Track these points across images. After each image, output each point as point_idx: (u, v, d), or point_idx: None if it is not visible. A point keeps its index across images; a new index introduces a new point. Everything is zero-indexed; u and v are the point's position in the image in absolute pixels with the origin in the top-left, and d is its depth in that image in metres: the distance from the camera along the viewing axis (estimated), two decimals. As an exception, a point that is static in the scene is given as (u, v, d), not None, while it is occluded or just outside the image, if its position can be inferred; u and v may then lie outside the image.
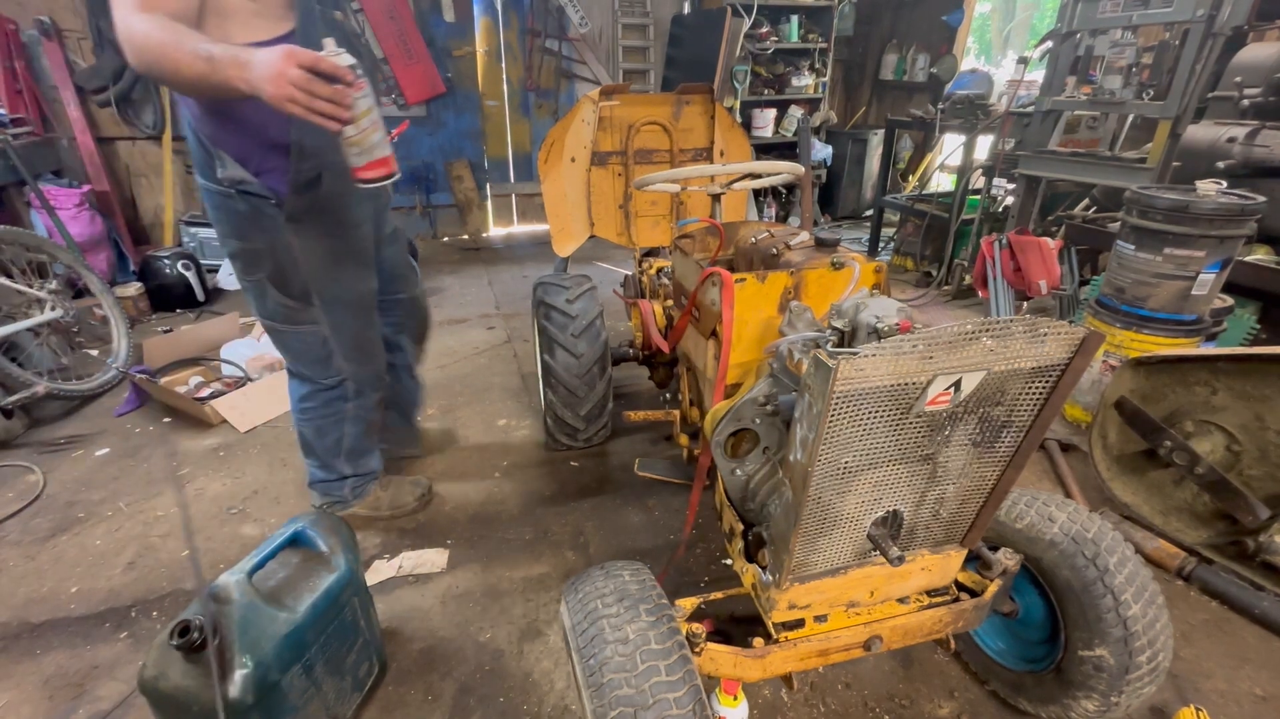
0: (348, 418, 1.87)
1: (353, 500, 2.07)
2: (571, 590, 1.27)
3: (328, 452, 1.93)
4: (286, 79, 1.09)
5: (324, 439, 1.91)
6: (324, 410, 1.84)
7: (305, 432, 1.91)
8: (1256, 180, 2.67)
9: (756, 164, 1.94)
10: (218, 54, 1.15)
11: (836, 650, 1.22)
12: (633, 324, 2.68)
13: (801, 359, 1.16)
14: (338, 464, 1.97)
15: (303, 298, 1.61)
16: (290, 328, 1.66)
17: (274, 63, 1.10)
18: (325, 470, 2.00)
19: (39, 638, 1.75)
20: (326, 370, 1.75)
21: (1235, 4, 2.59)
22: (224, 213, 1.50)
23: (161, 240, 4.93)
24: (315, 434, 1.90)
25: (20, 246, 2.92)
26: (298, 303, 1.61)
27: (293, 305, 1.61)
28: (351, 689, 1.48)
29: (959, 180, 4.21)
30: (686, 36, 5.64)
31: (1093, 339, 0.88)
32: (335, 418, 1.86)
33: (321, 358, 1.72)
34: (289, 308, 1.61)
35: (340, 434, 1.90)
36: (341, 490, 2.03)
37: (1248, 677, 1.61)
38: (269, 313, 1.64)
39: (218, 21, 1.31)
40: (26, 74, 4.17)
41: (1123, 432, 2.10)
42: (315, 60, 1.11)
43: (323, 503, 2.06)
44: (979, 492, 1.10)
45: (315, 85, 1.11)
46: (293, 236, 1.52)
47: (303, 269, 1.57)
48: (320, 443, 1.91)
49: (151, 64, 1.19)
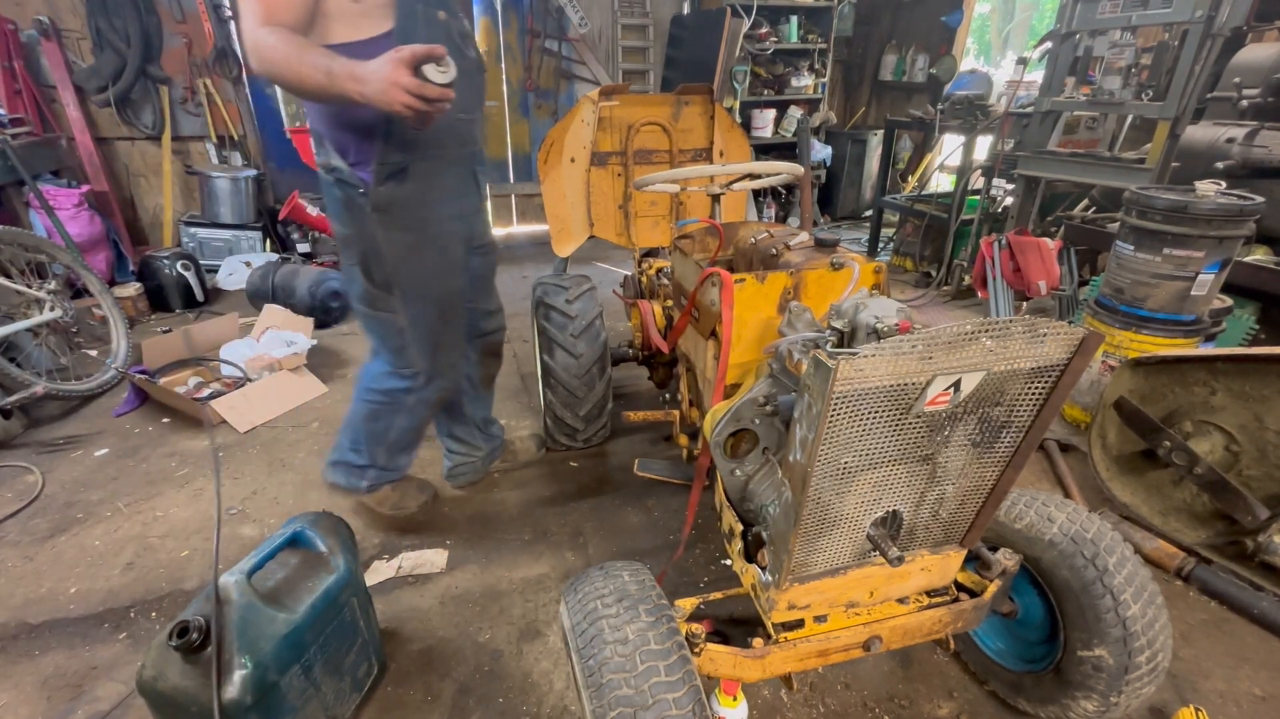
0: (403, 409, 1.87)
1: (364, 492, 2.04)
2: (571, 591, 1.27)
3: (370, 436, 1.92)
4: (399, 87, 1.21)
5: (374, 423, 1.90)
6: (385, 397, 1.85)
7: (358, 410, 1.91)
8: (1255, 181, 2.68)
9: (756, 164, 1.94)
10: (335, 69, 1.26)
11: (836, 651, 1.22)
12: (632, 324, 2.68)
13: (801, 359, 1.16)
14: (374, 452, 1.95)
15: (384, 286, 1.67)
16: (371, 312, 1.73)
17: (385, 74, 1.21)
18: (357, 454, 1.96)
19: (37, 638, 1.74)
20: (402, 360, 1.79)
21: (1234, 5, 2.59)
22: (328, 198, 1.62)
23: (161, 241, 4.93)
24: (367, 416, 1.89)
25: (19, 247, 2.92)
26: (379, 290, 1.68)
27: (375, 292, 1.68)
28: (350, 690, 1.48)
29: (958, 181, 4.21)
30: (686, 37, 5.64)
31: (1092, 339, 0.88)
32: (392, 406, 1.86)
33: (398, 347, 1.77)
34: (372, 294, 1.69)
35: (390, 424, 1.90)
36: (361, 480, 2.00)
37: (1247, 677, 1.61)
38: (357, 295, 1.72)
39: (324, 22, 1.39)
40: (26, 74, 4.17)
41: (1122, 432, 2.10)
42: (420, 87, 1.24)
43: (333, 483, 2.02)
44: (978, 492, 1.10)
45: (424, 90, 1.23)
46: (377, 226, 1.58)
47: (386, 259, 1.64)
48: (368, 425, 1.90)
49: (275, 73, 1.31)
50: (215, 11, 4.54)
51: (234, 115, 4.86)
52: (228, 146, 4.92)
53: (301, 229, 4.89)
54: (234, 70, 4.75)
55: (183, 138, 4.82)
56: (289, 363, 3.06)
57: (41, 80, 4.28)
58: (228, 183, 4.65)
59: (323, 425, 2.79)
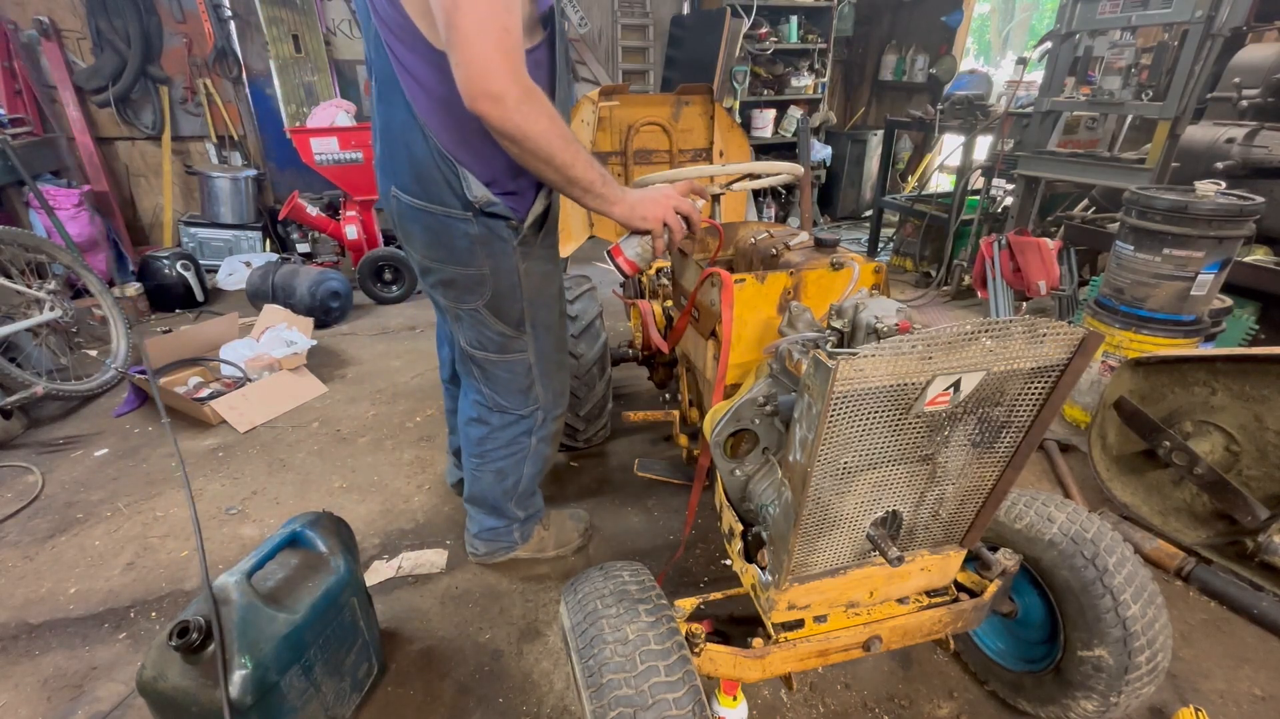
0: (529, 455, 1.77)
1: (520, 544, 1.95)
2: (571, 591, 1.27)
3: (505, 495, 1.82)
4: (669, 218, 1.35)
5: (504, 482, 1.79)
6: (508, 449, 1.74)
7: (484, 477, 1.78)
8: (1255, 181, 2.68)
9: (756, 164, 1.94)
10: (608, 175, 1.30)
11: (836, 651, 1.22)
12: (632, 324, 2.68)
13: (801, 359, 1.16)
14: (510, 508, 1.86)
15: (517, 324, 1.55)
16: (501, 357, 1.59)
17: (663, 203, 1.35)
18: (497, 517, 1.87)
19: (37, 639, 1.75)
20: (526, 400, 1.67)
21: (1234, 5, 2.59)
22: (447, 235, 1.40)
23: (161, 241, 4.93)
24: (496, 478, 1.78)
25: (19, 247, 2.92)
26: (513, 330, 1.55)
27: (508, 333, 1.55)
28: (350, 690, 1.48)
29: (958, 181, 4.21)
30: (686, 37, 5.64)
31: (1092, 339, 0.88)
32: (519, 456, 1.76)
33: (524, 387, 1.65)
34: (505, 336, 1.55)
35: (520, 475, 1.79)
36: (511, 536, 1.92)
37: (1247, 677, 1.61)
38: (482, 343, 1.56)
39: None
40: (25, 74, 4.17)
41: (1122, 432, 2.10)
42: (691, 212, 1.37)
43: (486, 552, 1.94)
44: (978, 492, 1.10)
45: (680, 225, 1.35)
46: (519, 259, 1.46)
47: (524, 293, 1.51)
48: (500, 486, 1.80)
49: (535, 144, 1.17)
50: (215, 11, 4.55)
51: (234, 115, 4.86)
52: (228, 146, 4.93)
53: (301, 229, 4.89)
54: (234, 70, 4.75)
55: (183, 138, 4.82)
56: (289, 363, 3.06)
57: (41, 80, 4.28)
58: (228, 183, 4.65)
59: (322, 425, 2.79)
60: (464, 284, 1.46)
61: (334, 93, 5.03)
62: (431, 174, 1.34)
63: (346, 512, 2.20)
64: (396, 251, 4.28)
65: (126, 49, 4.36)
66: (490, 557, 1.97)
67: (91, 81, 4.36)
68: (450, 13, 1.06)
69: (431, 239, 1.41)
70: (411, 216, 1.40)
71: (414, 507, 2.27)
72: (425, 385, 3.14)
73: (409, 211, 1.40)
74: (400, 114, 1.31)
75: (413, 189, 1.37)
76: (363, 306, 4.22)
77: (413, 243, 1.46)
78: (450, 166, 1.32)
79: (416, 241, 1.44)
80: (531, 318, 1.55)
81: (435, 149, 1.31)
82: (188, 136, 4.84)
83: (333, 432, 2.74)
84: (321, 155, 4.04)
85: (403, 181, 1.38)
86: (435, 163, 1.32)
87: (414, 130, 1.31)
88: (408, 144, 1.33)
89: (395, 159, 1.37)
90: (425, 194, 1.37)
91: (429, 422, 2.81)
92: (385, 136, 1.38)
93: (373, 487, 2.38)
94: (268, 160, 5.10)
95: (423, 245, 1.44)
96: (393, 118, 1.33)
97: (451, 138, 1.31)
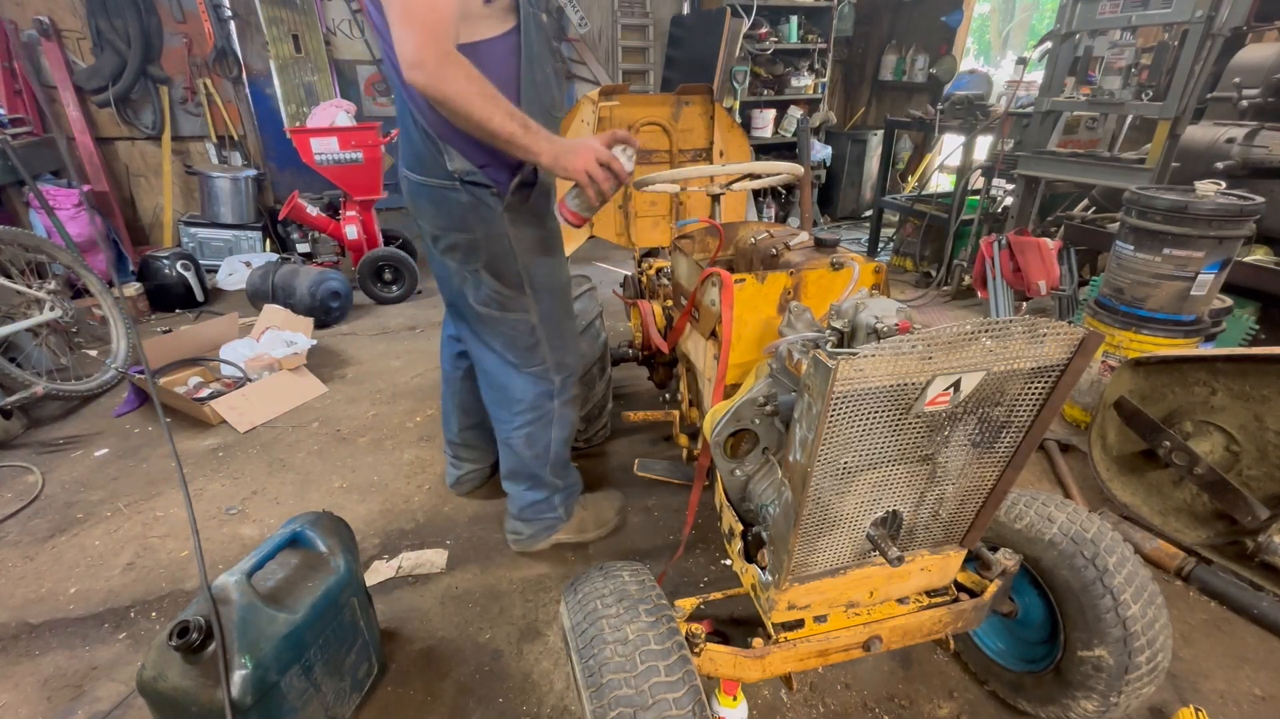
0: (554, 418, 1.86)
1: (565, 519, 2.01)
2: (571, 591, 1.27)
3: (538, 461, 1.89)
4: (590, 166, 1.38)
5: (534, 446, 1.87)
6: (532, 413, 1.83)
7: (515, 444, 1.86)
8: (1255, 181, 2.68)
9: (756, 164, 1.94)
10: (530, 125, 1.34)
11: (836, 651, 1.22)
12: (632, 324, 2.68)
13: (801, 359, 1.16)
14: (548, 476, 1.92)
15: (516, 285, 1.67)
16: (503, 314, 1.71)
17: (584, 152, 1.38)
18: (536, 489, 1.93)
19: (38, 639, 1.75)
20: (533, 357, 1.78)
21: (1234, 5, 2.59)
22: (446, 205, 1.55)
23: (161, 241, 4.93)
24: (526, 443, 1.85)
25: (19, 247, 2.92)
26: (511, 290, 1.67)
27: (507, 293, 1.67)
28: (350, 690, 1.48)
29: (958, 181, 4.21)
30: (686, 37, 5.64)
31: (1092, 339, 0.88)
32: (543, 419, 1.84)
33: (529, 345, 1.76)
34: (503, 295, 1.67)
35: (548, 440, 1.87)
36: (555, 510, 1.97)
37: (1247, 677, 1.61)
38: (483, 300, 1.69)
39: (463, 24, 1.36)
40: (25, 74, 4.17)
41: (1122, 432, 2.10)
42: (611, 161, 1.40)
43: (530, 534, 1.97)
44: (978, 492, 1.10)
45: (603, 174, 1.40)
46: (509, 226, 1.59)
47: (517, 256, 1.64)
48: (530, 451, 1.87)
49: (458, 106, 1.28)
50: (215, 11, 4.55)
51: (234, 115, 4.86)
52: (228, 146, 4.93)
53: (301, 229, 4.88)
54: (234, 70, 4.75)
55: (183, 138, 4.82)
56: (289, 363, 3.06)
57: (41, 80, 4.28)
58: (228, 183, 4.65)
59: (322, 425, 2.79)
60: (464, 247, 1.60)
61: (334, 93, 5.03)
62: (423, 150, 1.50)
63: (346, 512, 2.20)
64: (396, 251, 4.27)
65: (126, 49, 4.36)
66: (534, 540, 1.99)
67: (91, 81, 4.36)
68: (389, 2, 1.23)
69: (435, 209, 1.57)
70: (417, 191, 1.56)
71: (414, 507, 2.27)
72: (425, 385, 3.14)
73: (415, 187, 1.56)
74: (401, 99, 1.49)
75: (414, 166, 1.54)
76: (363, 306, 4.22)
77: (423, 215, 1.60)
78: (433, 143, 1.47)
79: (425, 213, 1.59)
80: (530, 279, 1.67)
81: (420, 126, 1.46)
82: (188, 136, 4.84)
83: (333, 432, 2.74)
84: (321, 155, 4.04)
85: (408, 161, 1.56)
86: (424, 139, 1.48)
87: (407, 114, 1.48)
88: (406, 127, 1.52)
89: (402, 141, 1.57)
90: (422, 169, 1.53)
91: (429, 421, 2.81)
92: (399, 123, 1.57)
93: (373, 487, 2.38)
94: (268, 160, 5.10)
95: (430, 215, 1.59)
96: (400, 104, 1.51)
97: (431, 117, 1.44)
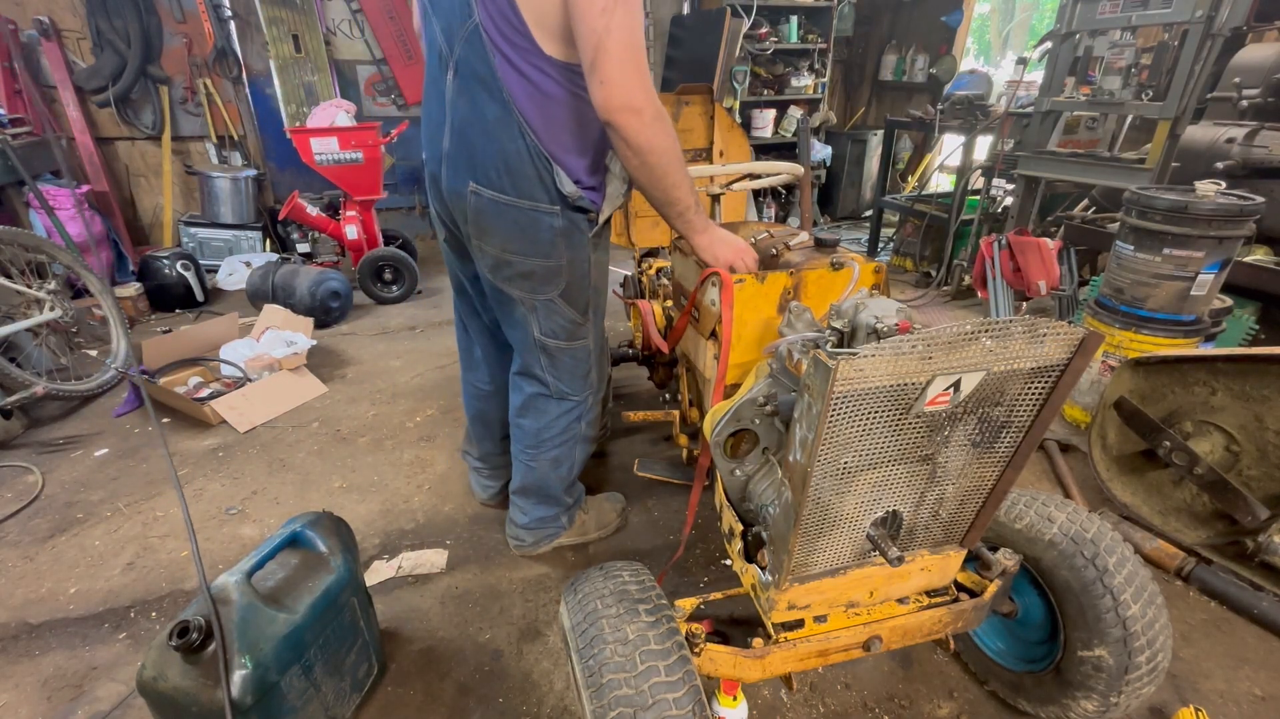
0: (580, 439, 1.83)
1: (568, 526, 2.00)
2: (571, 591, 1.27)
3: (560, 482, 1.86)
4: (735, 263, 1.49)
5: (559, 468, 1.83)
6: (563, 436, 1.79)
7: (541, 466, 1.81)
8: (1255, 181, 2.68)
9: (756, 164, 1.94)
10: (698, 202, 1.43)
11: (836, 651, 1.22)
12: (633, 324, 2.68)
13: (801, 359, 1.16)
14: (563, 495, 1.90)
15: (584, 311, 1.63)
16: (570, 344, 1.65)
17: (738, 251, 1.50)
18: (548, 505, 1.91)
19: (37, 639, 1.75)
20: (585, 384, 1.73)
21: (1234, 5, 2.59)
22: (534, 229, 1.45)
23: (161, 241, 4.93)
24: (551, 466, 1.82)
25: (19, 247, 2.92)
26: (582, 318, 1.62)
27: (578, 320, 1.62)
28: (350, 690, 1.48)
29: (958, 181, 4.21)
30: (686, 37, 5.64)
31: (1092, 339, 0.88)
32: (571, 442, 1.81)
33: (585, 372, 1.72)
34: (574, 323, 1.61)
35: (573, 460, 1.85)
36: (558, 522, 1.96)
37: (1247, 677, 1.61)
38: (554, 331, 1.62)
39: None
40: (26, 74, 4.17)
41: (1122, 432, 2.10)
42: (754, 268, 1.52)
43: (533, 542, 1.96)
44: (978, 492, 1.10)
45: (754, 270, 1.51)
46: (592, 250, 1.56)
47: (592, 282, 1.61)
48: (555, 473, 1.83)
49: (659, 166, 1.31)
50: (215, 11, 4.55)
51: (234, 115, 4.86)
52: (228, 146, 4.93)
53: (301, 229, 4.89)
54: (234, 70, 4.75)
55: (183, 138, 4.82)
56: (289, 363, 3.06)
57: (41, 80, 4.28)
58: (228, 183, 4.66)
59: (323, 425, 2.79)
60: (543, 275, 1.52)
61: (334, 93, 5.03)
62: (524, 169, 1.39)
63: (346, 512, 2.20)
64: (397, 252, 4.27)
65: (126, 49, 4.36)
66: (536, 546, 1.99)
67: (91, 81, 4.36)
68: (602, 36, 1.19)
69: (516, 233, 1.46)
70: (495, 211, 1.44)
71: (414, 507, 2.27)
72: (425, 385, 3.14)
73: (491, 206, 1.43)
74: (493, 110, 1.35)
75: (499, 184, 1.41)
76: (363, 306, 4.22)
77: (490, 237, 1.48)
78: (545, 163, 1.38)
79: (496, 235, 1.47)
80: (595, 304, 1.66)
81: (533, 145, 1.37)
82: (188, 136, 4.84)
83: (333, 432, 2.74)
84: (321, 155, 4.04)
85: (486, 177, 1.41)
86: (530, 158, 1.38)
87: (509, 127, 1.35)
88: (498, 139, 1.37)
89: (477, 154, 1.41)
90: (515, 189, 1.41)
91: (429, 422, 2.81)
92: (464, 132, 1.41)
93: (373, 487, 2.38)
94: (268, 160, 5.10)
95: (504, 239, 1.47)
96: (480, 114, 1.37)
97: (549, 135, 1.37)
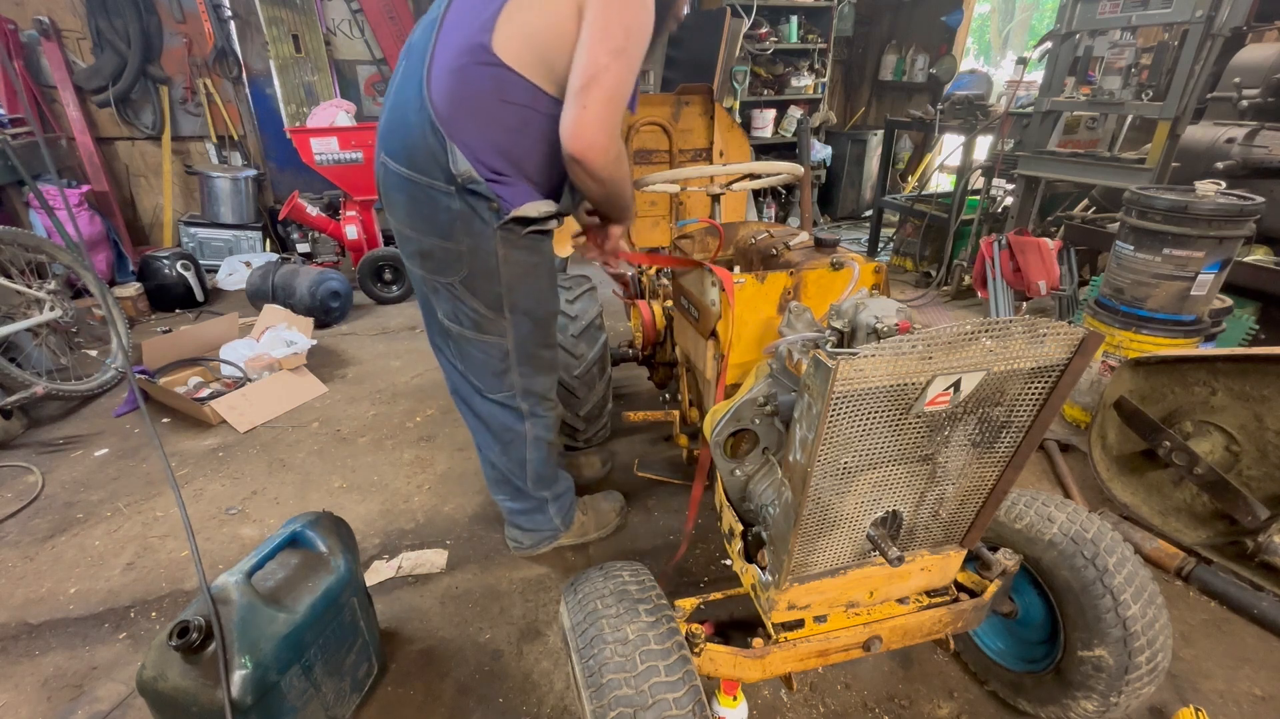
0: (528, 442, 1.78)
1: (564, 529, 1.99)
2: (571, 591, 1.27)
3: (516, 475, 1.83)
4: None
5: (509, 456, 1.80)
6: (507, 436, 1.78)
7: (490, 456, 1.82)
8: (1255, 181, 2.68)
9: (756, 164, 1.94)
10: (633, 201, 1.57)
11: (836, 651, 1.22)
12: (632, 324, 2.68)
13: (801, 359, 1.16)
14: (530, 489, 1.86)
15: (495, 307, 1.55)
16: (478, 336, 1.60)
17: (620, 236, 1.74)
18: (519, 499, 1.88)
19: (38, 639, 1.75)
20: (501, 384, 1.68)
21: (1234, 5, 2.59)
22: (429, 207, 1.41)
23: (161, 241, 4.93)
24: (502, 451, 1.79)
25: (19, 247, 2.92)
26: (491, 312, 1.56)
27: (486, 314, 1.56)
28: (350, 690, 1.48)
29: (958, 181, 4.21)
30: (686, 37, 5.63)
31: (1092, 339, 0.88)
32: (515, 442, 1.78)
33: (499, 371, 1.66)
34: (481, 316, 1.56)
35: (522, 457, 1.81)
36: (549, 520, 1.94)
37: (1247, 677, 1.61)
38: (458, 318, 1.58)
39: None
40: (26, 74, 4.17)
41: (1122, 432, 2.10)
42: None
43: (531, 544, 1.96)
44: (978, 492, 1.10)
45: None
46: (500, 245, 1.46)
47: (503, 279, 1.52)
48: (506, 459, 1.80)
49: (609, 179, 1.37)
50: (215, 11, 4.55)
51: (234, 115, 4.86)
52: (228, 146, 4.93)
53: (301, 229, 4.89)
54: (234, 70, 4.76)
55: (183, 138, 4.82)
56: (289, 363, 3.06)
57: (41, 80, 4.28)
58: (228, 183, 4.66)
59: (323, 425, 2.79)
60: (441, 257, 1.48)
61: (334, 93, 5.03)
62: (419, 143, 1.35)
63: (346, 512, 2.20)
64: (397, 251, 4.27)
65: (126, 49, 4.37)
66: (534, 548, 1.99)
67: (91, 81, 4.36)
68: (601, 71, 1.23)
69: (414, 209, 1.43)
70: (397, 185, 1.43)
71: (414, 507, 2.27)
72: (425, 385, 3.14)
73: (395, 179, 1.43)
74: (411, 85, 1.35)
75: (400, 156, 1.40)
76: (363, 306, 4.22)
77: (394, 210, 1.48)
78: (439, 138, 1.32)
79: (399, 209, 1.47)
80: (511, 303, 1.56)
81: (428, 118, 1.32)
82: (188, 136, 4.84)
83: (333, 431, 2.74)
84: (321, 155, 4.05)
85: (394, 149, 1.41)
86: (425, 132, 1.34)
87: (416, 99, 1.33)
88: (404, 113, 1.37)
89: (392, 127, 1.41)
90: (411, 163, 1.38)
91: (429, 422, 2.81)
92: (392, 106, 1.42)
93: (373, 487, 2.38)
94: (268, 160, 5.10)
95: (405, 215, 1.46)
96: (404, 87, 1.38)
97: (445, 112, 1.31)
